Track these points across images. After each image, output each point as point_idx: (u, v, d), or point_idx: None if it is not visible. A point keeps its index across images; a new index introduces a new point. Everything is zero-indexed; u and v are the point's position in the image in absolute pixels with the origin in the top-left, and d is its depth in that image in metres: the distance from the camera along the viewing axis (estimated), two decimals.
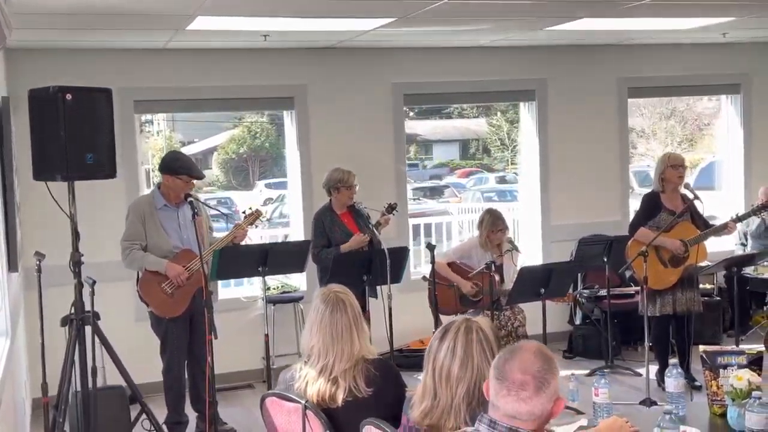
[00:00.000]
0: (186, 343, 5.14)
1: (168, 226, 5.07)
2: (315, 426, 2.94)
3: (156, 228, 5.05)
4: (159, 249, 5.02)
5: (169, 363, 5.15)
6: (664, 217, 5.63)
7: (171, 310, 5.02)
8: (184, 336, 5.11)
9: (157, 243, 5.03)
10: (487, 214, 6.08)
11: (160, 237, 5.04)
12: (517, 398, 2.09)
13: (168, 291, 4.99)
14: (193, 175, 5.05)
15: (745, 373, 2.99)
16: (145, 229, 5.03)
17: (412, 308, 6.49)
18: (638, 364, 6.32)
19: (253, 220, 5.16)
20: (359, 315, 3.10)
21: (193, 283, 4.99)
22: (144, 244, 5.02)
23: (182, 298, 4.99)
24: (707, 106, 21.72)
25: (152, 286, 5.01)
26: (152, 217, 5.05)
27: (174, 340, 5.09)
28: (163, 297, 5.00)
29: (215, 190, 23.53)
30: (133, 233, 5.04)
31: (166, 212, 5.09)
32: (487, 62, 7.06)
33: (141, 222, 5.03)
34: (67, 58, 5.97)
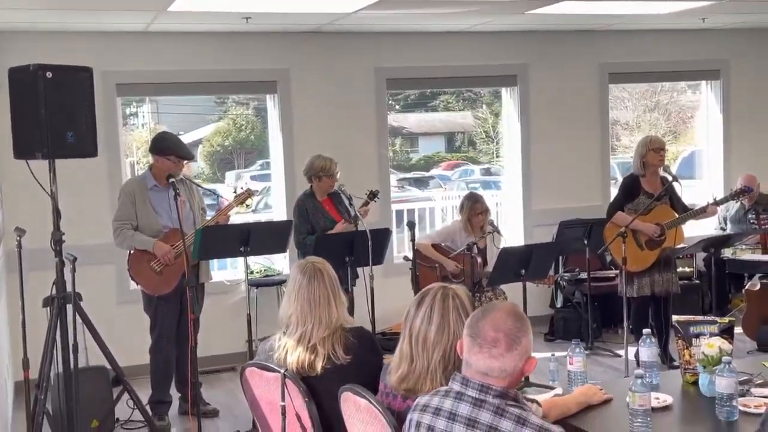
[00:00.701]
0: (175, 323, 5.16)
1: (158, 206, 5.11)
2: (294, 394, 2.97)
3: (146, 208, 5.11)
4: (149, 229, 5.10)
5: (157, 341, 5.19)
6: (643, 200, 5.69)
7: (160, 288, 5.09)
8: (173, 314, 5.14)
9: (147, 223, 5.10)
10: (467, 199, 6.15)
11: (150, 217, 5.11)
12: (489, 355, 2.13)
13: (156, 269, 5.06)
14: (180, 155, 5.09)
15: (716, 340, 3.04)
16: (135, 210, 5.10)
17: (395, 292, 6.51)
18: (618, 346, 6.39)
19: (243, 199, 5.19)
20: (336, 284, 3.14)
21: (182, 262, 5.01)
22: (135, 224, 5.10)
23: (171, 276, 5.04)
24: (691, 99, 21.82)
25: (141, 265, 5.09)
26: (142, 198, 5.11)
27: (163, 319, 5.15)
28: (151, 275, 5.08)
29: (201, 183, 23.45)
30: (124, 213, 5.11)
31: (156, 192, 5.13)
32: (469, 48, 7.10)
33: (131, 202, 5.10)
34: (48, 40, 5.96)
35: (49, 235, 4.25)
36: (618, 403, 2.98)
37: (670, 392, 3.07)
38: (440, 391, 2.26)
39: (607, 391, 3.06)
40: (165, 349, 5.20)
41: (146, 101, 22.74)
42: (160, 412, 5.18)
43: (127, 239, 5.09)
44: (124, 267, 6.23)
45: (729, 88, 7.92)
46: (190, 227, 5.08)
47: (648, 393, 2.67)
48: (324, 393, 2.97)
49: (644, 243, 5.68)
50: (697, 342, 3.16)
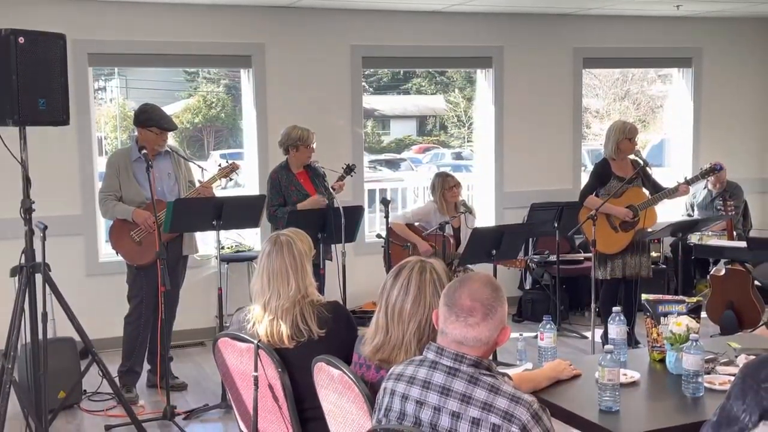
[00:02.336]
0: (154, 294, 5.13)
1: (142, 177, 5.09)
2: (267, 364, 2.98)
3: (129, 180, 5.12)
4: (133, 200, 5.12)
5: (135, 310, 5.19)
6: (615, 184, 5.74)
7: (139, 258, 5.10)
8: (152, 286, 5.11)
9: (130, 194, 5.11)
10: (437, 176, 6.22)
11: (134, 188, 5.12)
12: (465, 324, 2.15)
13: (136, 239, 5.08)
14: (161, 126, 5.08)
15: (684, 319, 3.10)
16: (119, 181, 5.11)
17: (366, 270, 6.55)
18: (585, 328, 6.49)
19: (227, 173, 5.18)
20: (301, 258, 3.10)
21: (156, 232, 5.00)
22: (119, 195, 5.12)
23: (151, 246, 5.02)
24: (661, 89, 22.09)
25: (122, 234, 5.11)
26: (126, 170, 5.12)
27: (141, 289, 5.16)
28: (131, 244, 5.10)
29: None
30: (109, 184, 5.14)
31: (140, 164, 5.09)
32: (446, 28, 7.10)
33: (116, 174, 5.12)
34: (19, 6, 5.84)
35: (16, 204, 4.20)
36: (586, 378, 3.03)
37: (637, 369, 3.13)
38: (415, 360, 2.28)
39: (575, 366, 3.11)
40: (141, 318, 5.19)
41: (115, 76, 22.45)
42: (129, 383, 5.16)
43: (109, 209, 5.13)
44: (94, 238, 6.23)
45: (701, 76, 8.01)
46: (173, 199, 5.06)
47: (617, 368, 2.72)
48: (298, 366, 2.97)
49: (618, 225, 5.75)
50: (665, 321, 3.21)
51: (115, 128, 22.12)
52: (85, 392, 5.16)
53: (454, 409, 2.11)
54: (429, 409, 2.16)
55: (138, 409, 4.88)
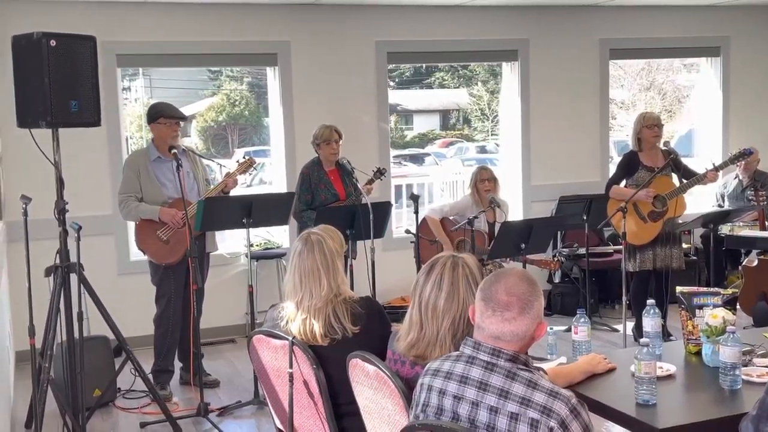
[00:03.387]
0: (182, 293, 5.18)
1: (162, 177, 5.12)
2: (302, 361, 2.99)
3: (150, 180, 5.13)
4: (154, 200, 5.12)
5: (164, 310, 5.21)
6: (643, 175, 5.70)
7: (167, 257, 5.11)
8: (180, 285, 5.16)
9: (152, 194, 5.12)
10: (475, 169, 6.23)
11: (155, 188, 5.12)
12: (502, 318, 2.15)
13: (163, 238, 5.09)
14: (168, 115, 5.09)
15: (720, 311, 3.07)
16: (140, 182, 5.11)
17: (394, 266, 6.56)
18: (615, 321, 6.46)
19: (245, 168, 5.20)
20: (332, 257, 3.11)
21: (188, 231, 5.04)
22: (139, 196, 5.12)
23: (177, 245, 5.06)
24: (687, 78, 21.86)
25: (148, 234, 5.11)
26: (146, 170, 5.13)
27: (169, 288, 5.17)
28: (159, 244, 5.10)
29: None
30: (129, 186, 5.13)
31: (159, 164, 5.14)
32: (471, 22, 7.08)
33: (136, 175, 5.12)
34: (50, 9, 5.92)
35: (50, 205, 4.25)
36: (621, 372, 3.01)
37: (672, 362, 3.10)
38: (451, 356, 2.28)
39: (610, 360, 3.10)
40: (171, 318, 5.22)
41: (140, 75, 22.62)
42: (162, 382, 5.21)
43: (132, 211, 5.11)
44: (124, 238, 6.29)
45: (729, 65, 7.92)
46: (194, 198, 5.09)
47: (654, 361, 2.70)
48: (333, 363, 2.98)
49: (647, 215, 5.71)
50: (701, 313, 3.19)
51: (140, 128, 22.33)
52: (119, 390, 5.22)
53: (492, 404, 2.11)
54: (467, 404, 2.16)
55: (172, 407, 4.93)
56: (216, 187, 5.15)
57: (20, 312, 5.42)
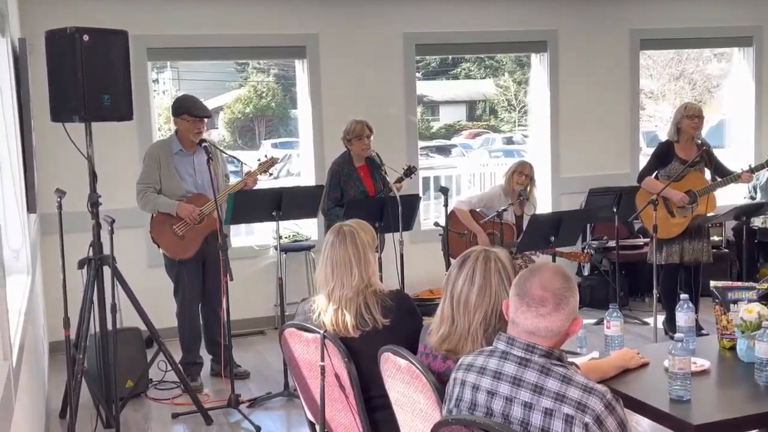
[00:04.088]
0: (199, 286, 5.22)
1: (182, 170, 5.14)
2: (333, 354, 3.01)
3: (170, 172, 5.12)
4: (173, 193, 5.11)
5: (182, 305, 5.26)
6: (676, 167, 5.65)
7: (181, 252, 5.12)
8: (196, 279, 5.20)
9: (170, 187, 5.11)
10: (517, 161, 6.24)
11: (174, 181, 5.12)
12: (537, 314, 2.14)
13: (179, 233, 5.09)
14: (193, 113, 5.09)
15: (755, 306, 3.04)
16: (159, 173, 5.11)
17: (422, 258, 6.56)
18: (645, 314, 6.42)
19: (267, 167, 5.19)
20: (363, 248, 3.12)
21: (204, 227, 5.08)
22: (158, 187, 5.11)
23: (193, 240, 5.08)
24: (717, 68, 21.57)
25: (164, 228, 5.11)
26: (167, 162, 5.12)
27: (187, 283, 5.19)
28: (174, 239, 5.11)
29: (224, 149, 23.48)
30: (148, 177, 5.13)
31: (181, 157, 5.15)
32: (499, 13, 7.04)
33: (156, 166, 5.11)
34: (82, 3, 5.97)
35: (82, 198, 4.31)
36: (654, 367, 3.00)
37: (706, 357, 3.08)
38: (485, 351, 2.28)
39: (642, 354, 3.08)
40: (191, 313, 5.26)
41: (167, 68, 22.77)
42: (192, 373, 5.25)
43: (150, 202, 5.10)
44: None
45: (762, 54, 7.80)
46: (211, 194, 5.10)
47: (688, 356, 2.68)
48: (363, 355, 3.00)
49: (675, 210, 5.66)
50: (735, 308, 3.16)
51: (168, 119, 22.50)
52: (151, 381, 5.27)
53: (526, 400, 2.11)
54: (500, 399, 2.16)
55: (203, 398, 4.98)
56: (235, 185, 5.12)
57: (53, 303, 5.50)
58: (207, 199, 5.02)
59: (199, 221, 5.05)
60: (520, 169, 6.05)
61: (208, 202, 4.98)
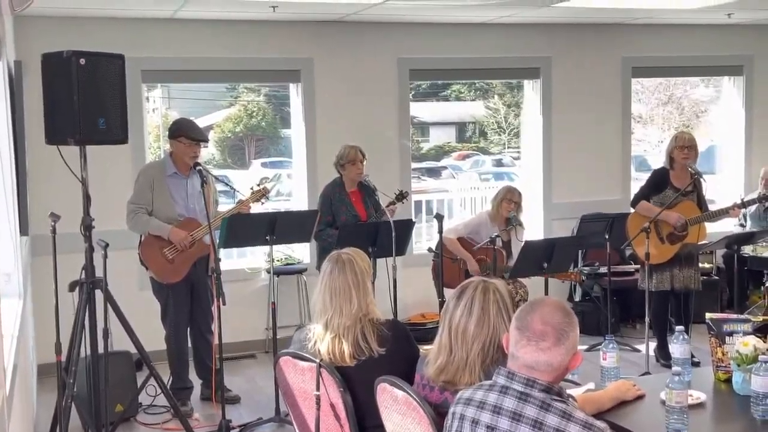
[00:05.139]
0: (188, 310, 5.20)
1: (176, 193, 5.12)
2: (329, 384, 2.99)
3: (163, 194, 5.10)
4: (164, 216, 5.09)
5: (170, 329, 5.23)
6: (670, 194, 5.70)
7: (170, 276, 5.10)
8: (185, 303, 5.17)
9: (162, 209, 5.09)
10: (505, 187, 6.25)
11: (167, 204, 5.10)
12: (537, 348, 2.14)
13: (169, 257, 5.07)
14: (190, 136, 5.08)
15: (751, 339, 3.04)
16: (152, 195, 5.09)
17: (414, 283, 6.56)
18: (636, 341, 6.42)
19: (259, 196, 5.18)
20: (362, 276, 3.14)
21: (194, 252, 5.07)
22: (150, 209, 5.09)
23: (182, 264, 5.06)
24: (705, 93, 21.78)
25: (153, 251, 5.08)
26: (161, 184, 5.10)
27: (175, 307, 5.17)
28: (163, 262, 5.08)
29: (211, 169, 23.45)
30: (141, 197, 5.11)
31: (174, 180, 5.14)
32: (492, 39, 7.08)
33: (149, 187, 5.09)
34: (77, 26, 5.97)
35: (74, 220, 4.28)
36: (651, 399, 2.99)
37: (702, 389, 3.07)
38: (484, 385, 2.27)
39: (638, 386, 3.07)
40: (180, 337, 5.23)
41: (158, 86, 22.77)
42: (183, 398, 5.21)
43: (141, 223, 5.07)
44: None
45: (752, 83, 7.88)
46: (203, 218, 5.09)
47: (685, 390, 2.68)
48: (359, 384, 2.99)
49: (665, 236, 5.70)
50: (731, 340, 3.16)
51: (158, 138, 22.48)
52: (141, 405, 5.22)
53: None
54: None
55: (193, 422, 4.93)
56: (230, 211, 5.12)
57: (42, 325, 5.45)
58: (198, 224, 5.02)
59: (190, 247, 5.04)
60: (509, 197, 6.05)
61: (200, 228, 4.97)
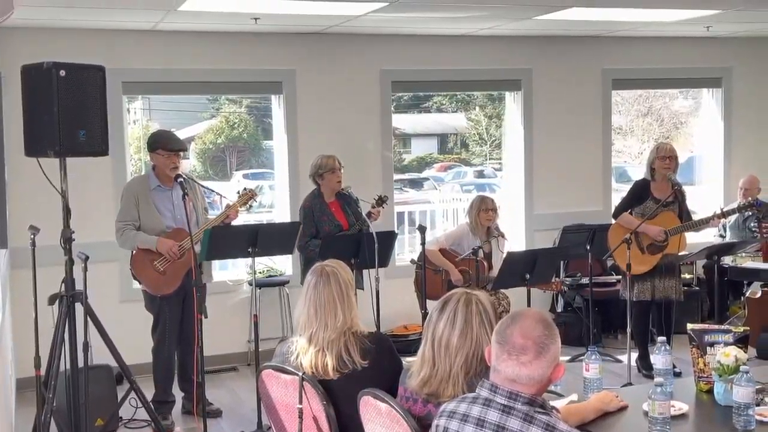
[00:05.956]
0: (178, 323, 5.16)
1: (161, 206, 5.11)
2: (311, 396, 2.98)
3: (149, 208, 5.09)
4: (152, 229, 5.08)
5: (159, 341, 5.18)
6: (650, 205, 5.73)
7: (163, 288, 5.07)
8: (176, 314, 5.14)
9: (149, 223, 5.08)
10: (477, 198, 6.19)
11: (153, 217, 5.09)
12: (518, 362, 2.14)
13: (160, 269, 5.03)
14: (167, 147, 5.07)
15: (732, 349, 3.06)
16: (138, 210, 5.08)
17: (397, 294, 6.55)
18: (618, 351, 6.44)
19: (246, 200, 5.18)
20: (346, 289, 3.13)
21: (185, 262, 5.03)
22: (138, 224, 5.08)
23: (174, 276, 5.03)
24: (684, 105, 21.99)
25: (144, 264, 5.06)
26: (145, 198, 5.10)
27: (166, 319, 5.13)
28: (154, 275, 5.05)
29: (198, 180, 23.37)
30: (127, 214, 5.10)
31: (159, 192, 5.12)
32: (474, 51, 7.11)
33: (134, 203, 5.08)
34: (57, 37, 5.93)
35: (53, 232, 4.24)
36: (634, 410, 3.00)
37: (684, 400, 3.09)
38: (467, 398, 2.27)
39: (621, 397, 3.08)
40: (168, 349, 5.19)
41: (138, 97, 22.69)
42: (164, 412, 5.16)
43: (129, 239, 5.07)
44: (127, 265, 6.24)
45: (731, 95, 7.97)
46: (194, 227, 5.08)
47: (668, 401, 2.69)
48: (342, 397, 2.98)
49: (646, 247, 5.73)
50: (712, 350, 3.18)
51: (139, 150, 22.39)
52: (121, 419, 5.17)
53: None
54: None
55: None
56: (217, 218, 5.11)
57: (21, 338, 5.39)
58: (187, 233, 4.99)
59: (179, 256, 5.01)
60: (484, 207, 6.04)
61: (188, 237, 4.94)
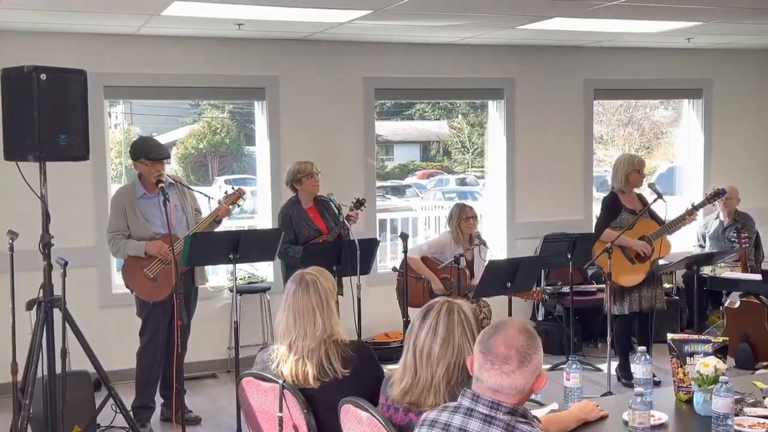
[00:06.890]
0: (167, 328, 5.12)
1: (149, 213, 5.10)
2: (292, 405, 2.96)
3: (137, 218, 5.10)
4: (142, 237, 5.09)
5: (146, 345, 5.16)
6: (626, 217, 5.77)
7: (155, 294, 5.06)
8: (166, 320, 5.10)
9: (139, 231, 5.09)
10: (456, 206, 6.20)
11: (141, 226, 5.10)
12: (501, 372, 2.14)
13: (150, 275, 5.03)
14: (149, 156, 5.06)
15: (711, 360, 3.08)
16: (126, 220, 5.08)
17: (378, 302, 6.55)
18: (598, 360, 6.46)
19: (235, 199, 5.18)
20: (326, 297, 3.11)
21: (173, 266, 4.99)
22: (127, 234, 5.08)
23: (165, 281, 5.00)
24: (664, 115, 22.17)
25: (135, 272, 5.07)
26: (132, 207, 5.10)
27: (156, 324, 5.11)
28: (146, 282, 5.06)
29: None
30: (116, 224, 5.11)
31: (146, 200, 5.12)
32: (457, 60, 7.14)
33: (122, 213, 5.09)
34: (39, 41, 5.89)
35: (32, 237, 4.20)
36: (614, 419, 3.00)
37: (663, 410, 3.09)
38: (449, 407, 2.26)
39: (601, 406, 3.08)
40: (155, 353, 5.16)
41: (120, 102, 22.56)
42: (143, 418, 5.12)
43: (120, 248, 5.09)
44: (107, 270, 6.22)
45: (711, 106, 8.04)
46: (184, 231, 5.06)
47: (648, 411, 2.70)
48: (322, 406, 2.96)
49: (634, 257, 5.75)
50: (692, 360, 3.19)
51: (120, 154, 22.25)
52: (99, 426, 5.11)
53: None
54: None
55: None
56: (208, 217, 5.12)
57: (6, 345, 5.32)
58: (176, 238, 4.97)
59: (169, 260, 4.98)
60: (464, 215, 6.06)
61: (178, 241, 4.92)
